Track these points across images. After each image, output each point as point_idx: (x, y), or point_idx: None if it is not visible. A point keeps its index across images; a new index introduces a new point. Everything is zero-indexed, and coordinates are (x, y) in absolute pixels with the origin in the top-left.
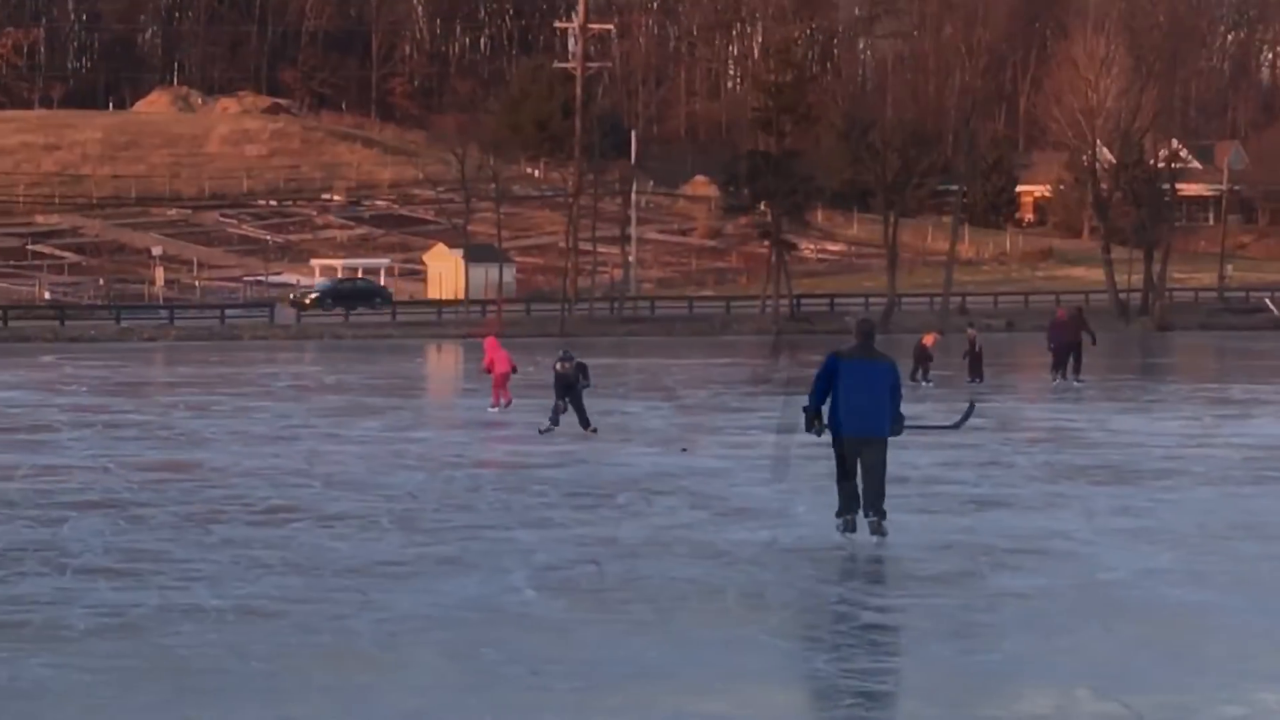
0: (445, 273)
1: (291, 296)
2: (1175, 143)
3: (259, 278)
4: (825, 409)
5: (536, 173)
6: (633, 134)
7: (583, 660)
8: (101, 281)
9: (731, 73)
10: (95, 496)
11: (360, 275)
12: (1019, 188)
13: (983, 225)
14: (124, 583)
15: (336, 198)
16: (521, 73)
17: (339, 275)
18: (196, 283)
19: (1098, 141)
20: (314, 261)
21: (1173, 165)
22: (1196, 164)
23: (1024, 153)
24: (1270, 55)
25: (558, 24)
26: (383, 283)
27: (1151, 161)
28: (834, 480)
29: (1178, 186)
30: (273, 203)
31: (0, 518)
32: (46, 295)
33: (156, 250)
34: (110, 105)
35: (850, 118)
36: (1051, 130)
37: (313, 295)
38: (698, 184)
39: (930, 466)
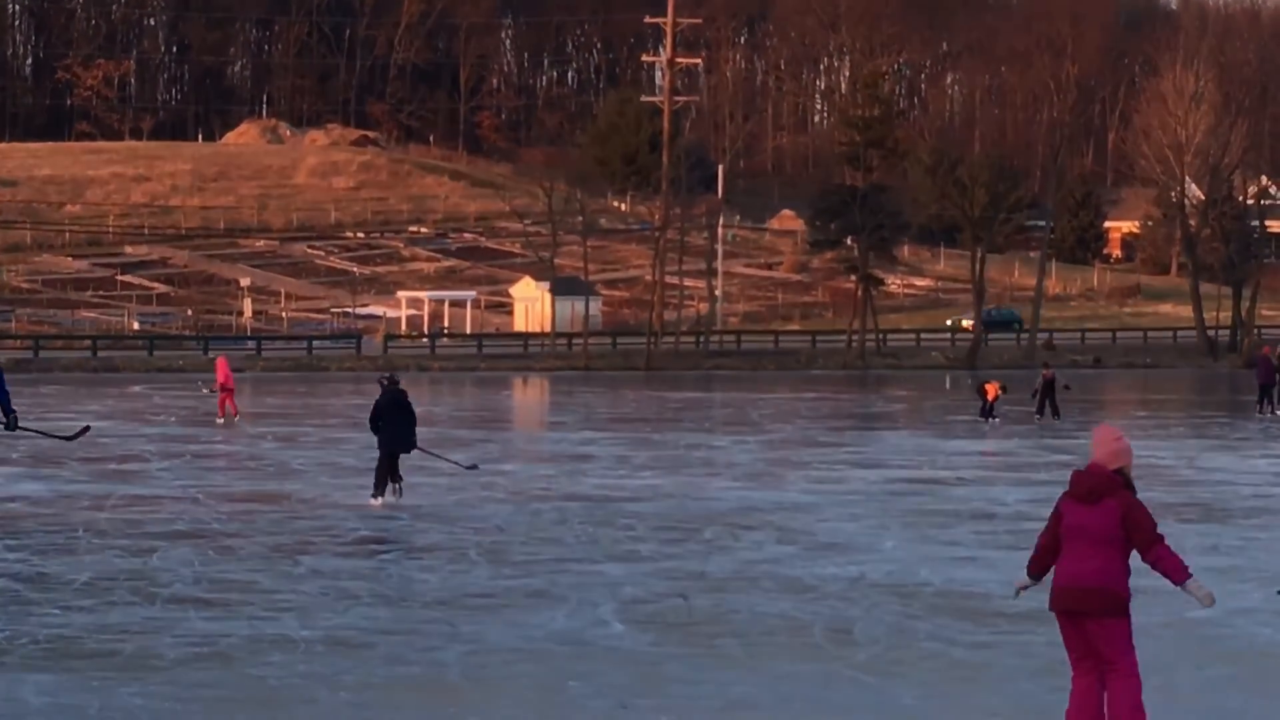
0: (531, 305)
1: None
2: (1264, 179)
3: (346, 309)
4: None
5: (623, 206)
6: (719, 168)
7: (670, 694)
8: (190, 312)
9: (819, 107)
10: (184, 527)
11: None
12: (1106, 224)
13: (1070, 261)
14: (213, 613)
15: (423, 230)
16: (609, 106)
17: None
18: (284, 314)
19: (1186, 177)
20: (400, 294)
21: (1262, 201)
22: None
23: (1112, 189)
24: None
25: (645, 58)
26: (469, 315)
27: (1240, 198)
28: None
29: (1267, 223)
30: (360, 235)
31: (91, 547)
32: (135, 325)
33: (245, 281)
34: (199, 137)
35: (937, 152)
36: (1140, 166)
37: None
38: (784, 218)
39: (1018, 504)
